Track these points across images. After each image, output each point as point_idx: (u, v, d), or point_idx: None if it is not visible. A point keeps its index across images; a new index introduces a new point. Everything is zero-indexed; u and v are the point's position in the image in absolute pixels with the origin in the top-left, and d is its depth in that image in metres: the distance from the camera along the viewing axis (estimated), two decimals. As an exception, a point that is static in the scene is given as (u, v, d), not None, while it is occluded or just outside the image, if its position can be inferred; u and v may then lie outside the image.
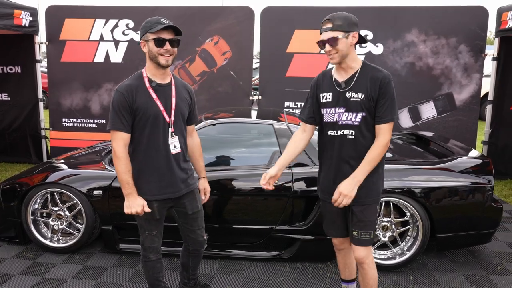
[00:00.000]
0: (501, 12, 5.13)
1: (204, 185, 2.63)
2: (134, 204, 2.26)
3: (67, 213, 3.48)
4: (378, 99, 2.16)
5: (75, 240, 3.45)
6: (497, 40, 5.37)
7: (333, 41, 2.14)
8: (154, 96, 2.26)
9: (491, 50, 5.50)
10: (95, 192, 3.33)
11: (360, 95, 2.18)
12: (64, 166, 3.64)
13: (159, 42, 2.17)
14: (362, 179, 2.20)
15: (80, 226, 3.45)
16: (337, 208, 2.30)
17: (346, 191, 2.19)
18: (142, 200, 2.28)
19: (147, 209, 2.28)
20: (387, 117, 2.16)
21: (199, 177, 2.64)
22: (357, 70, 2.21)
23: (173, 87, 2.34)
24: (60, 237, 3.53)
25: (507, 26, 4.92)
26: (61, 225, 3.50)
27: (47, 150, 6.21)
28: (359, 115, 2.20)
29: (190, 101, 2.44)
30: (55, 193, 3.46)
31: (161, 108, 2.27)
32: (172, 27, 2.19)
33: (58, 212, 3.48)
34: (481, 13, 5.36)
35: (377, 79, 2.15)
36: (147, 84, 2.26)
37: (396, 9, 5.55)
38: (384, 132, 2.18)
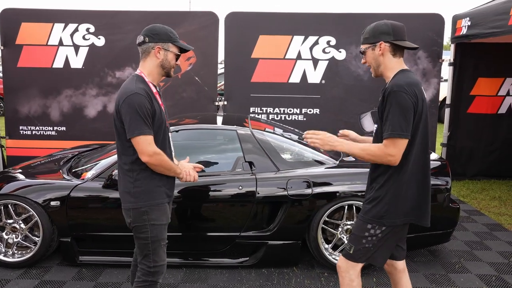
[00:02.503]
0: (456, 19, 5.35)
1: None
2: (191, 171, 2.33)
3: (22, 225, 3.32)
4: (383, 111, 2.04)
5: (31, 254, 3.30)
6: (453, 46, 5.60)
7: (363, 55, 2.19)
8: (160, 101, 2.25)
9: (448, 55, 5.73)
10: (52, 203, 3.20)
11: (377, 107, 2.14)
12: (20, 176, 3.49)
13: (178, 57, 2.26)
14: (342, 148, 2.09)
15: (36, 239, 3.30)
16: None
17: (324, 137, 2.12)
18: (189, 164, 2.42)
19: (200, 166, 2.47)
20: (385, 132, 2.00)
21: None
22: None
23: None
24: (15, 251, 3.36)
25: (461, 33, 5.14)
26: (16, 238, 3.34)
27: (3, 160, 5.92)
28: (375, 127, 2.18)
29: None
30: (9, 205, 3.29)
31: (165, 112, 2.30)
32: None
33: (13, 225, 3.32)
34: (437, 20, 5.57)
35: (385, 90, 2.05)
36: (154, 90, 2.21)
37: (358, 15, 5.68)
38: (387, 146, 2.00)
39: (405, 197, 2.07)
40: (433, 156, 3.84)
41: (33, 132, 5.79)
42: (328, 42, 5.59)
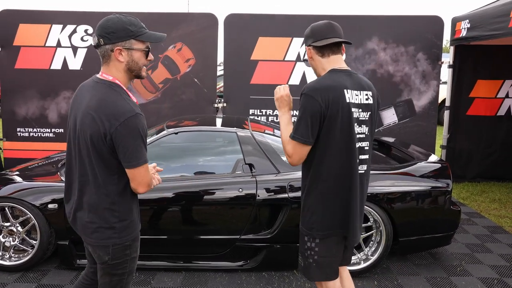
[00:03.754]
0: (455, 21, 5.34)
1: None
2: (155, 175, 1.96)
3: (19, 228, 3.27)
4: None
5: (28, 257, 3.25)
6: (452, 48, 5.59)
7: (305, 62, 2.21)
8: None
9: (447, 58, 5.73)
10: (50, 206, 3.16)
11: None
12: (18, 179, 3.45)
13: (147, 53, 1.81)
14: (280, 115, 2.11)
15: (34, 242, 3.26)
16: None
17: (281, 96, 2.12)
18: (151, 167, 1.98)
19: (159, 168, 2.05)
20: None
21: None
22: None
23: None
24: (12, 254, 3.32)
25: (461, 35, 5.14)
26: (13, 241, 3.29)
27: (0, 162, 5.88)
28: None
29: None
30: (6, 208, 3.25)
31: None
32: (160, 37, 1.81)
33: (10, 228, 3.27)
34: (436, 22, 5.57)
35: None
36: (134, 100, 1.82)
37: (358, 17, 5.67)
38: (287, 144, 1.98)
39: (329, 209, 1.97)
40: (433, 158, 3.82)
41: (31, 134, 5.75)
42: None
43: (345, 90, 1.92)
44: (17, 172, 3.67)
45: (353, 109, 1.93)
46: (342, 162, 1.94)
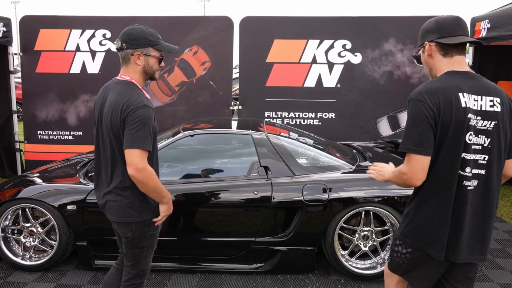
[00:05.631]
0: (474, 21, 5.24)
1: None
2: (171, 205, 2.21)
3: (39, 229, 3.35)
4: None
5: (48, 257, 3.32)
6: (471, 49, 5.49)
7: (417, 59, 2.04)
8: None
9: (466, 59, 5.61)
10: (69, 207, 3.21)
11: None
12: (38, 180, 3.52)
13: (160, 60, 2.15)
14: (387, 177, 1.92)
15: (53, 242, 3.32)
16: None
17: (376, 168, 1.99)
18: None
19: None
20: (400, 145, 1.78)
21: None
22: None
23: None
24: (33, 255, 3.39)
25: (480, 36, 5.04)
26: (34, 242, 3.37)
27: (21, 164, 6.03)
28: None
29: None
30: (26, 209, 3.33)
31: None
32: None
33: (30, 228, 3.35)
34: (455, 22, 5.46)
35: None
36: (148, 96, 2.11)
37: (374, 19, 5.62)
38: (403, 163, 1.78)
39: (429, 222, 1.77)
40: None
41: (51, 137, 5.87)
42: (343, 46, 5.55)
43: (460, 94, 1.68)
44: (38, 174, 3.75)
45: (469, 115, 1.68)
46: (450, 174, 1.72)
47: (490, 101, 1.72)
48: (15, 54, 5.82)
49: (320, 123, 5.66)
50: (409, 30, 5.49)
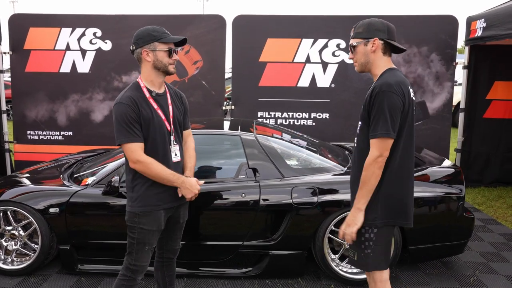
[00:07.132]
0: (470, 21, 5.17)
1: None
2: (194, 184, 2.28)
3: (21, 232, 3.26)
4: (370, 110, 2.02)
5: (30, 261, 3.23)
6: (467, 48, 5.41)
7: (352, 48, 2.13)
8: (155, 106, 2.26)
9: (462, 59, 5.54)
10: (51, 210, 3.13)
11: (363, 104, 2.08)
12: (24, 181, 3.45)
13: (170, 53, 2.24)
14: (360, 206, 2.03)
15: (35, 246, 3.23)
16: None
17: (347, 221, 2.07)
18: (194, 178, 2.33)
19: (201, 182, 2.34)
20: (372, 132, 1.99)
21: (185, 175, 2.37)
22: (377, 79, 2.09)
23: (168, 95, 2.36)
24: (15, 258, 3.30)
25: (476, 35, 4.96)
26: (15, 245, 3.28)
27: (11, 164, 5.93)
28: (359, 125, 2.12)
29: (183, 108, 2.47)
30: (8, 212, 3.24)
31: (163, 117, 2.28)
32: (183, 41, 2.28)
33: (12, 231, 3.26)
34: (450, 22, 5.40)
35: (373, 89, 2.02)
36: (147, 95, 2.25)
37: (368, 18, 5.53)
38: (371, 147, 2.00)
39: (394, 197, 2.05)
40: (447, 163, 3.68)
41: (40, 137, 5.78)
42: (337, 45, 5.47)
43: (409, 87, 2.04)
44: (27, 174, 3.67)
45: (413, 104, 2.07)
46: (406, 153, 2.06)
47: (412, 92, 2.11)
48: (5, 53, 5.72)
49: (313, 124, 5.58)
50: (403, 29, 5.40)
